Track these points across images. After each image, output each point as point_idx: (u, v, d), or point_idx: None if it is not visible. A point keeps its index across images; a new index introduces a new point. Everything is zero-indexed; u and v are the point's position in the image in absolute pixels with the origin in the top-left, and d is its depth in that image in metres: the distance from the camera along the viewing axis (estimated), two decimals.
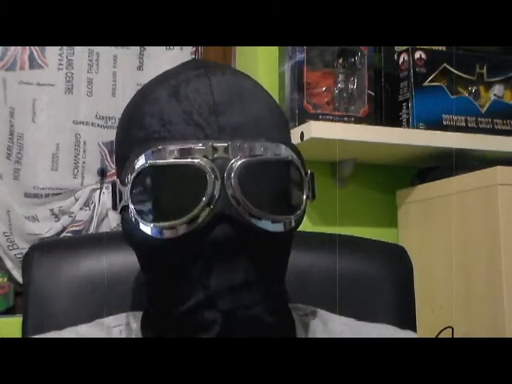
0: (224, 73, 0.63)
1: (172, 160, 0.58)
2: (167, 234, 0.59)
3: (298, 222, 0.63)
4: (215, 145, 0.58)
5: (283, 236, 0.62)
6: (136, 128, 0.62)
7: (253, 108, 0.62)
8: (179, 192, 0.59)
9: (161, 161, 0.59)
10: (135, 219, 0.60)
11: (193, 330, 0.60)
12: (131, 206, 0.60)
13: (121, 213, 0.63)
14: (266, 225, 0.60)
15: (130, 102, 0.66)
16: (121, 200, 0.62)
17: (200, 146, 0.58)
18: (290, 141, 0.66)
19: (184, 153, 0.58)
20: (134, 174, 0.60)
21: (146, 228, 0.60)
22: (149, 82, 0.66)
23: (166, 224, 0.59)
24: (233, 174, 0.58)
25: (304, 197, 0.63)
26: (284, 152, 0.62)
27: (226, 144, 0.58)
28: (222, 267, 0.59)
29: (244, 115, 0.61)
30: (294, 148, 0.64)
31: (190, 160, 0.58)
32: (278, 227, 0.61)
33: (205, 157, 0.58)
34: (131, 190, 0.60)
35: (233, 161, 0.58)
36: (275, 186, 0.62)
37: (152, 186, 0.60)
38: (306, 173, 0.65)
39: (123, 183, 0.61)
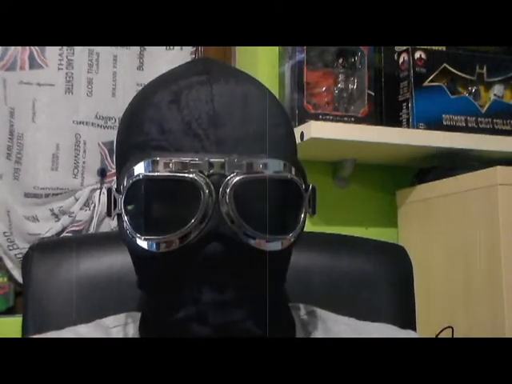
0: (227, 80, 0.60)
1: (167, 173, 0.57)
2: (158, 248, 0.58)
3: (295, 240, 0.61)
4: (211, 160, 0.56)
5: (278, 255, 0.60)
6: (135, 132, 0.61)
7: (255, 120, 0.59)
8: (173, 206, 0.58)
9: (155, 173, 0.57)
10: (128, 230, 0.59)
11: None
12: (124, 217, 0.60)
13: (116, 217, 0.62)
14: (261, 244, 0.58)
15: (131, 103, 0.65)
16: (115, 207, 0.61)
17: (196, 160, 0.56)
18: (294, 154, 0.64)
19: (179, 166, 0.57)
20: (129, 184, 0.59)
21: (138, 240, 0.59)
22: (151, 82, 0.64)
23: (157, 238, 0.58)
24: (228, 191, 0.56)
25: (302, 215, 0.61)
26: (284, 169, 0.59)
27: (222, 160, 0.57)
28: (213, 283, 0.57)
29: (245, 128, 0.58)
30: (296, 163, 0.62)
31: (184, 175, 0.57)
32: (273, 246, 0.59)
33: (200, 172, 0.56)
34: (125, 200, 0.59)
35: (229, 177, 0.57)
36: (272, 205, 0.59)
37: (145, 198, 0.59)
38: (307, 189, 0.63)
39: (118, 191, 0.61)
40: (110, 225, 1.53)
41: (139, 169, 0.58)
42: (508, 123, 1.60)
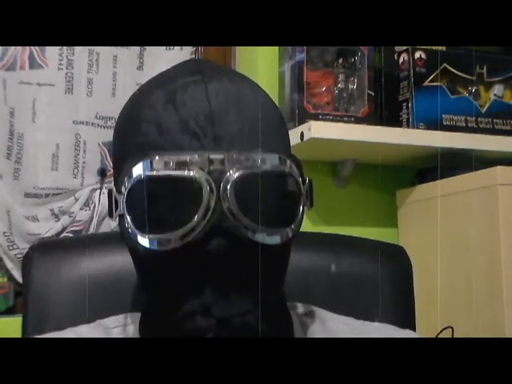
0: (221, 79, 0.62)
1: (168, 172, 0.58)
2: (162, 246, 0.59)
3: (295, 233, 0.62)
4: (211, 157, 0.58)
5: (279, 248, 0.61)
6: (133, 133, 0.61)
7: (250, 117, 0.61)
8: (175, 204, 0.59)
9: (156, 173, 0.58)
10: (131, 230, 0.60)
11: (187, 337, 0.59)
12: (127, 217, 0.60)
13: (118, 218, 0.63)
14: (262, 237, 0.59)
15: (127, 104, 0.66)
16: (117, 208, 0.62)
17: (196, 157, 0.58)
18: (288, 148, 0.66)
19: (180, 165, 0.58)
20: (130, 184, 0.59)
21: (141, 239, 0.59)
22: (145, 83, 0.66)
23: (160, 236, 0.59)
24: (229, 187, 0.57)
25: (301, 208, 0.63)
26: (282, 163, 0.61)
27: (222, 156, 0.58)
28: (216, 278, 0.58)
29: (241, 124, 0.60)
30: (292, 157, 0.63)
31: (185, 172, 0.58)
32: (274, 239, 0.60)
33: (201, 169, 0.57)
34: (127, 200, 0.60)
35: (229, 173, 0.58)
36: (272, 199, 0.61)
37: (147, 198, 0.59)
38: (304, 181, 0.64)
39: (119, 191, 0.61)
40: (110, 225, 1.53)
41: (139, 169, 0.59)
42: (508, 123, 1.60)
